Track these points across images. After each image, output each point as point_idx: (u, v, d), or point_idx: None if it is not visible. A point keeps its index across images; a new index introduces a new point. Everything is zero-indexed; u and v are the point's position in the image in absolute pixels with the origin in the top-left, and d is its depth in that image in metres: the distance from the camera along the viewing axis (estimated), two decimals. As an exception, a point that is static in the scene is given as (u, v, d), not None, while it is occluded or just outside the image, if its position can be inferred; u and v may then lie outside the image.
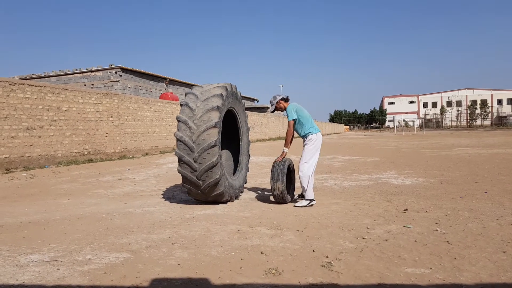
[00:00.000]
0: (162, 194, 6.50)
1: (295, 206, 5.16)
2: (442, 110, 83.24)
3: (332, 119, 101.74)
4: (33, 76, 26.74)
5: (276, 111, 5.64)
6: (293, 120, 5.32)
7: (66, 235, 3.90)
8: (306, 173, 5.15)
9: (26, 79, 25.77)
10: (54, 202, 6.00)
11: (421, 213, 4.57)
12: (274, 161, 5.35)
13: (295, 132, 5.48)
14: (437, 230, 3.77)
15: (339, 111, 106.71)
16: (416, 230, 3.81)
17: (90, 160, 12.67)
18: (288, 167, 5.37)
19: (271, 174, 5.20)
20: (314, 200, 5.18)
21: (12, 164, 10.06)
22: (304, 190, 5.18)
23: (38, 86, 11.09)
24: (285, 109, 5.52)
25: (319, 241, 3.54)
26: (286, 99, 5.59)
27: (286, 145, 5.42)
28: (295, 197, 5.73)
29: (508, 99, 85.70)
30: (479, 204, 5.00)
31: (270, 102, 5.62)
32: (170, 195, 6.42)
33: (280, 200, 5.26)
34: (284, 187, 5.15)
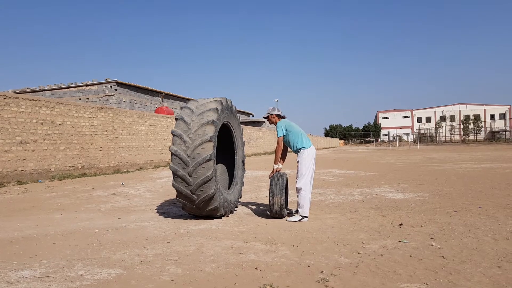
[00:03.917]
0: (156, 209, 6.45)
1: (287, 220, 5.13)
2: (438, 125, 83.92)
3: (328, 133, 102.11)
4: (28, 90, 26.69)
5: (266, 119, 5.75)
6: (282, 136, 5.36)
7: (58, 251, 3.84)
8: (304, 189, 5.14)
9: (20, 93, 25.72)
10: (47, 217, 5.93)
11: (416, 228, 4.56)
12: (270, 176, 5.35)
13: (289, 147, 5.51)
14: (432, 245, 3.76)
15: (334, 125, 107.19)
16: (411, 245, 3.80)
17: (84, 175, 12.57)
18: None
19: (270, 188, 5.17)
20: (307, 217, 5.16)
21: (5, 178, 9.96)
22: (301, 206, 5.15)
23: (33, 100, 11.07)
24: (275, 123, 5.56)
25: (314, 256, 3.51)
26: (280, 116, 5.63)
27: (276, 161, 5.43)
28: (291, 211, 5.70)
29: (500, 114, 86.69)
30: (474, 219, 5.01)
31: (267, 110, 5.69)
32: (164, 209, 6.37)
33: (277, 215, 5.23)
34: (283, 201, 5.14)
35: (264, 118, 5.76)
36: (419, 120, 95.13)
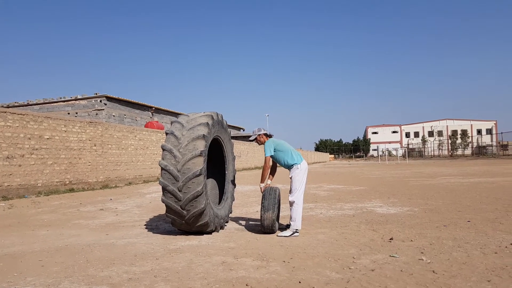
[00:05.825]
0: (145, 225, 6.36)
1: (278, 236, 5.11)
2: (424, 140, 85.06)
3: (318, 148, 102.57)
4: (16, 104, 26.44)
5: (255, 141, 5.74)
6: (269, 156, 5.38)
7: (44, 268, 3.75)
8: (297, 203, 5.16)
9: (8, 107, 25.45)
10: (33, 233, 5.80)
11: (406, 242, 4.57)
12: (262, 191, 5.33)
13: (278, 164, 5.53)
14: (423, 260, 3.77)
15: (324, 140, 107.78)
16: (401, 260, 3.80)
17: (71, 190, 12.39)
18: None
19: (262, 203, 5.15)
20: (298, 232, 5.15)
21: (-10, 194, 9.75)
22: (294, 219, 5.14)
23: (20, 114, 10.95)
24: (264, 143, 5.57)
25: (305, 272, 3.49)
26: (268, 135, 5.66)
27: (262, 180, 5.44)
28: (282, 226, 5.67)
29: (487, 129, 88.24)
30: (463, 233, 5.04)
31: (253, 131, 5.70)
32: (153, 225, 6.29)
33: (269, 230, 5.20)
34: (275, 216, 5.12)
35: (252, 141, 5.74)
36: (407, 135, 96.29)
